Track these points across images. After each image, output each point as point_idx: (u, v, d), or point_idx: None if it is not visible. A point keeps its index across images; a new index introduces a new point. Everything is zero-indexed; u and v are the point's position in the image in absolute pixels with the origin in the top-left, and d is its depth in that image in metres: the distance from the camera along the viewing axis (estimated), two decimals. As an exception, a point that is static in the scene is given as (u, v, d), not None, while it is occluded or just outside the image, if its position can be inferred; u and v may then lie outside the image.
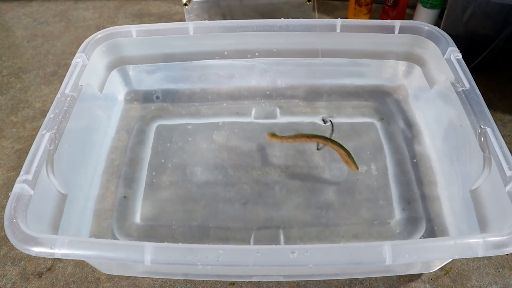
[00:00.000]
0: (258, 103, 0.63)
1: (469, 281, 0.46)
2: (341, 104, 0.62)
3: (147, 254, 0.33)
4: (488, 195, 0.42)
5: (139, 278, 0.46)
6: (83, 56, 0.52)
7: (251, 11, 0.73)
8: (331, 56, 0.60)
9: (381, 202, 0.51)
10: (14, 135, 0.63)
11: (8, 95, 0.70)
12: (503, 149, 0.41)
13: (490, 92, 0.67)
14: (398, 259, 0.33)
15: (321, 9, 0.88)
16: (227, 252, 0.34)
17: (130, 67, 0.62)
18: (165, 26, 0.56)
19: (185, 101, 0.63)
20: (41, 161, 0.41)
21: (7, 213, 0.36)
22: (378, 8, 0.84)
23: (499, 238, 0.34)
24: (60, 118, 0.45)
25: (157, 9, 0.89)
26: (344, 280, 0.46)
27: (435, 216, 0.49)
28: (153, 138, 0.59)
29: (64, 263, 0.48)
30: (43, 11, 0.91)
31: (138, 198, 0.52)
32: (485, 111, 0.44)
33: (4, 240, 0.50)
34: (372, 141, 0.57)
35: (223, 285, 0.46)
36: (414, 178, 0.53)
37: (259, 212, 0.50)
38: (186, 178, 0.54)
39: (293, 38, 0.57)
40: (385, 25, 0.55)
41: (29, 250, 0.34)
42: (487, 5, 0.60)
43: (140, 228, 0.49)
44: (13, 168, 0.58)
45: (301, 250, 0.33)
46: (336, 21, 0.55)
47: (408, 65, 0.60)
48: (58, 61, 0.77)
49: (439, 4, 0.73)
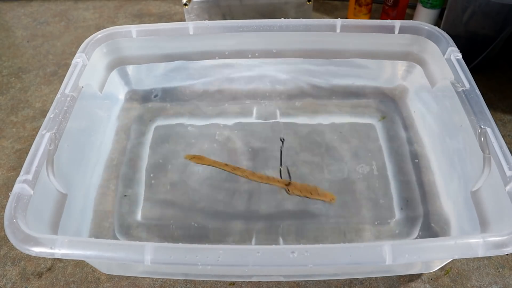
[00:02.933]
0: (259, 104, 0.63)
1: (469, 281, 0.46)
2: (341, 104, 0.63)
3: (147, 254, 0.33)
4: (488, 195, 0.41)
5: (139, 278, 0.46)
6: (83, 56, 0.52)
7: (251, 11, 0.73)
8: (331, 56, 0.60)
9: (381, 202, 0.51)
10: (14, 135, 0.63)
11: (8, 95, 0.70)
12: (503, 149, 0.40)
13: (490, 92, 0.67)
14: (398, 259, 0.33)
15: (321, 9, 0.88)
16: (227, 252, 0.34)
17: (130, 67, 0.62)
18: (165, 26, 0.56)
19: (185, 101, 0.63)
20: (41, 161, 0.41)
21: (7, 213, 0.36)
22: (378, 8, 0.84)
23: (499, 238, 0.34)
24: (60, 118, 0.45)
25: (157, 9, 0.90)
26: (344, 280, 0.46)
27: (435, 216, 0.49)
28: (153, 138, 0.59)
29: (64, 263, 0.48)
30: (43, 11, 0.91)
31: (138, 198, 0.52)
32: (485, 111, 0.44)
33: (4, 240, 0.50)
34: (372, 141, 0.57)
35: (223, 285, 0.46)
36: (414, 178, 0.53)
37: (259, 212, 0.50)
38: (186, 178, 0.54)
39: (293, 38, 0.57)
40: (385, 25, 0.55)
41: (29, 250, 0.34)
42: (487, 5, 0.60)
43: (140, 228, 0.49)
44: (13, 168, 0.58)
45: (301, 250, 0.33)
46: (336, 21, 0.55)
47: (408, 65, 0.60)
48: (58, 61, 0.77)
49: (439, 4, 0.73)
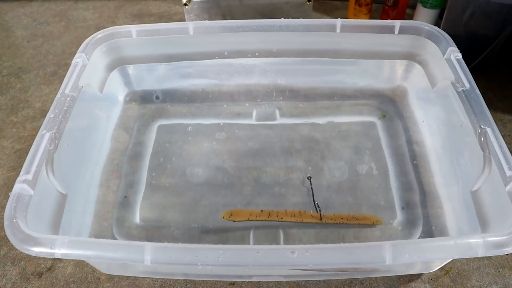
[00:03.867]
0: (259, 104, 0.63)
1: (469, 281, 0.46)
2: (341, 104, 0.62)
3: (147, 254, 0.33)
4: (488, 195, 0.41)
5: (139, 278, 0.46)
6: (83, 56, 0.52)
7: (251, 11, 0.73)
8: (331, 56, 0.60)
9: (382, 202, 0.51)
10: (14, 135, 0.63)
11: (8, 95, 0.70)
12: (503, 149, 0.40)
13: (490, 92, 0.67)
14: (398, 259, 0.33)
15: (321, 9, 0.88)
16: (227, 252, 0.34)
17: (130, 67, 0.62)
18: (165, 26, 0.56)
19: (185, 101, 0.63)
20: (41, 161, 0.41)
21: (7, 213, 0.36)
22: (378, 8, 0.84)
23: (499, 238, 0.34)
24: (60, 118, 0.45)
25: (157, 9, 0.89)
26: (344, 280, 0.46)
27: (435, 216, 0.49)
28: (153, 138, 0.59)
29: (64, 263, 0.48)
30: (43, 11, 0.91)
31: (138, 198, 0.52)
32: (485, 111, 0.44)
33: (4, 240, 0.50)
34: (372, 141, 0.57)
35: (223, 285, 0.46)
36: (414, 178, 0.53)
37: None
38: (186, 178, 0.54)
39: (293, 38, 0.57)
40: (385, 25, 0.55)
41: (29, 250, 0.34)
42: (487, 5, 0.60)
43: (140, 228, 0.49)
44: (13, 168, 0.58)
45: (301, 250, 0.33)
46: (336, 21, 0.55)
47: (408, 65, 0.60)
48: (58, 61, 0.77)
49: (439, 4, 0.73)
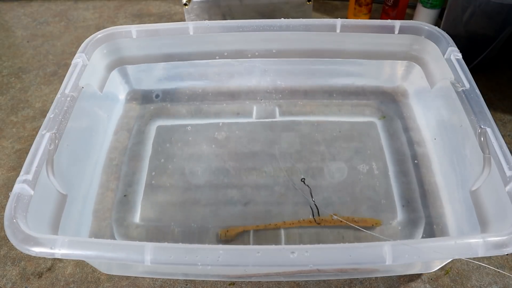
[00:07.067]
0: (259, 103, 0.63)
1: (469, 281, 0.46)
2: (341, 104, 0.62)
3: (147, 254, 0.33)
4: (488, 195, 0.41)
5: (139, 278, 0.46)
6: (83, 56, 0.52)
7: (251, 11, 0.73)
8: (331, 56, 0.60)
9: (382, 202, 0.51)
10: (14, 135, 0.63)
11: (8, 95, 0.70)
12: (503, 149, 0.40)
13: (490, 92, 0.67)
14: (398, 259, 0.33)
15: (321, 9, 0.88)
16: (227, 252, 0.34)
17: (130, 67, 0.62)
18: (165, 26, 0.56)
19: (185, 101, 0.63)
20: (41, 161, 0.41)
21: (7, 213, 0.36)
22: (378, 8, 0.84)
23: (499, 238, 0.34)
24: (60, 118, 0.45)
25: (157, 9, 0.89)
26: (344, 280, 0.46)
27: (436, 216, 0.49)
28: (153, 138, 0.59)
29: (64, 263, 0.48)
30: (43, 11, 0.91)
31: (138, 198, 0.52)
32: (485, 111, 0.44)
33: (4, 240, 0.50)
34: (373, 141, 0.57)
35: (223, 285, 0.46)
36: (414, 178, 0.53)
37: (260, 212, 0.50)
38: (186, 178, 0.54)
39: (293, 38, 0.57)
40: (385, 25, 0.55)
41: (29, 250, 0.34)
42: (487, 5, 0.60)
43: (140, 228, 0.49)
44: (13, 168, 0.58)
45: (301, 250, 0.33)
46: (336, 21, 0.55)
47: (408, 65, 0.60)
48: (58, 61, 0.77)
49: (439, 4, 0.73)
